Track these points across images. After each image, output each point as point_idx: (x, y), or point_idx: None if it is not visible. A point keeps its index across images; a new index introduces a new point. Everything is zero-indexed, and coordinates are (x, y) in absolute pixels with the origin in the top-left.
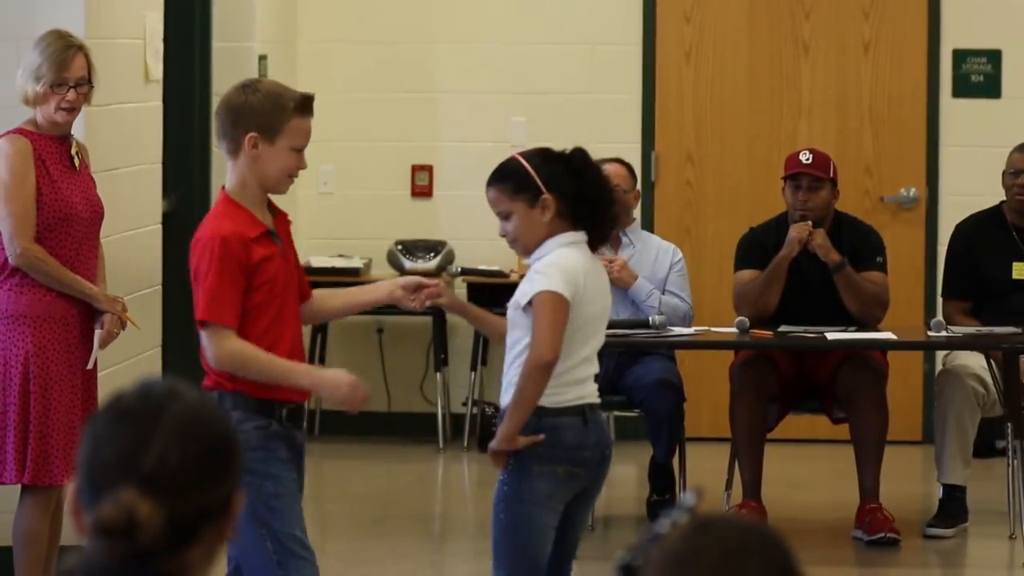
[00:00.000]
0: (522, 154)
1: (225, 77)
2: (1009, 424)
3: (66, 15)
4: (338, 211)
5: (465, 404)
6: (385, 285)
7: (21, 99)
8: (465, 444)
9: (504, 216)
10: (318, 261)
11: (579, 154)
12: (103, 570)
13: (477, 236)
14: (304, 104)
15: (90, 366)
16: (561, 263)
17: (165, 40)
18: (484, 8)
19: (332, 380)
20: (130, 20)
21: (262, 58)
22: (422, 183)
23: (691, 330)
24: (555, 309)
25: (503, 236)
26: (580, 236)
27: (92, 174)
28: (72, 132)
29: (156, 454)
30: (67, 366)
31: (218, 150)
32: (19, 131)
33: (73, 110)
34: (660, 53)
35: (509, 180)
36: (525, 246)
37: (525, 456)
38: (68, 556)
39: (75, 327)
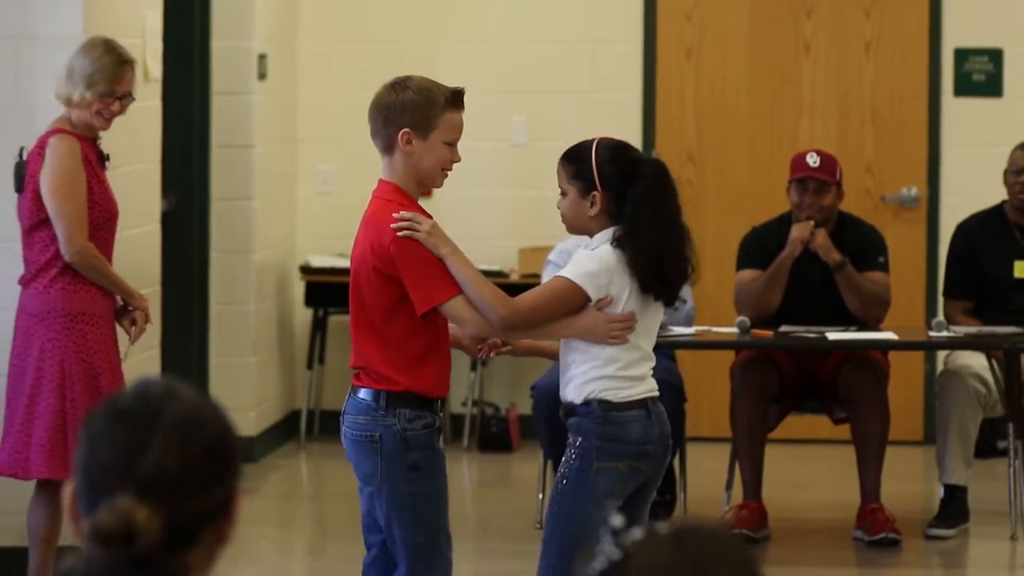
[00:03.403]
0: (601, 142)
1: (225, 76)
2: (1011, 424)
3: (65, 14)
4: (338, 211)
5: (465, 404)
6: (453, 330)
7: (63, 100)
8: (465, 444)
9: (562, 192)
10: (318, 261)
11: (649, 167)
12: (102, 573)
13: (477, 236)
14: (455, 98)
15: (125, 361)
16: (599, 257)
17: (164, 39)
18: (485, 7)
19: (590, 325)
20: (129, 19)
21: (262, 57)
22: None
23: (692, 330)
24: (556, 292)
25: (559, 208)
26: None
27: None
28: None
29: (154, 458)
30: (117, 362)
31: (219, 149)
32: (62, 131)
33: (112, 118)
34: (661, 52)
35: (573, 163)
36: (570, 227)
37: (588, 452)
38: (66, 557)
39: (113, 324)
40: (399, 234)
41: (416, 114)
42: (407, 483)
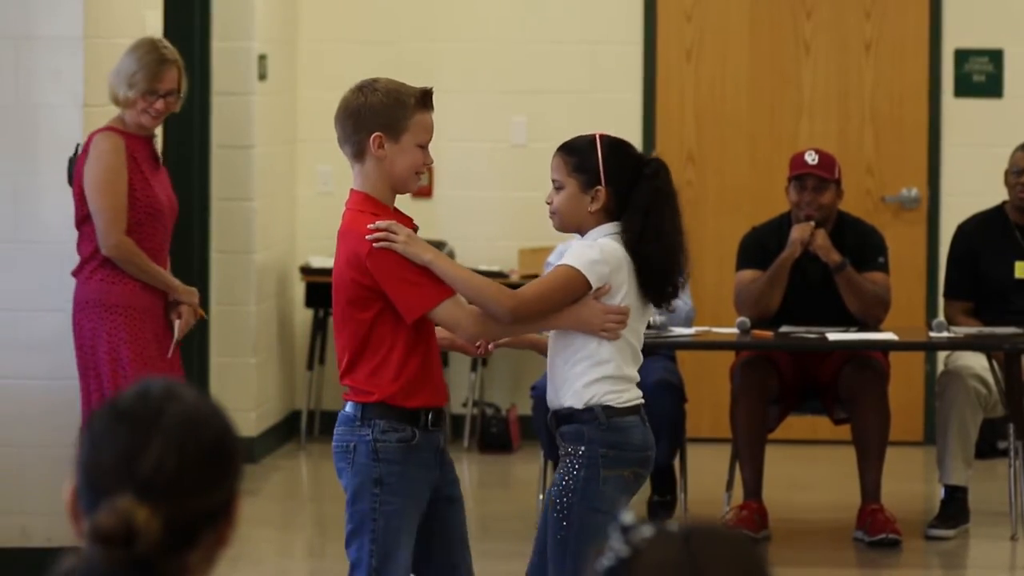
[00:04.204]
0: (603, 137)
1: (225, 76)
2: (1011, 425)
3: (65, 14)
4: (338, 211)
5: (465, 405)
6: (447, 332)
7: (111, 99)
8: (465, 445)
9: (557, 186)
10: (318, 261)
11: (655, 164)
12: (101, 574)
13: (477, 236)
14: (424, 98)
15: (170, 354)
16: (599, 247)
17: (164, 39)
18: (484, 7)
19: (586, 315)
20: (129, 19)
21: (262, 58)
22: (422, 183)
23: (692, 330)
24: (561, 281)
25: (548, 203)
26: (619, 228)
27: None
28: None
29: (153, 459)
30: (158, 353)
31: (219, 149)
32: (110, 129)
33: (159, 117)
34: (661, 52)
35: (574, 155)
36: (562, 222)
37: (594, 461)
38: (66, 557)
39: (160, 318)
40: (375, 245)
41: (386, 117)
42: (370, 498)
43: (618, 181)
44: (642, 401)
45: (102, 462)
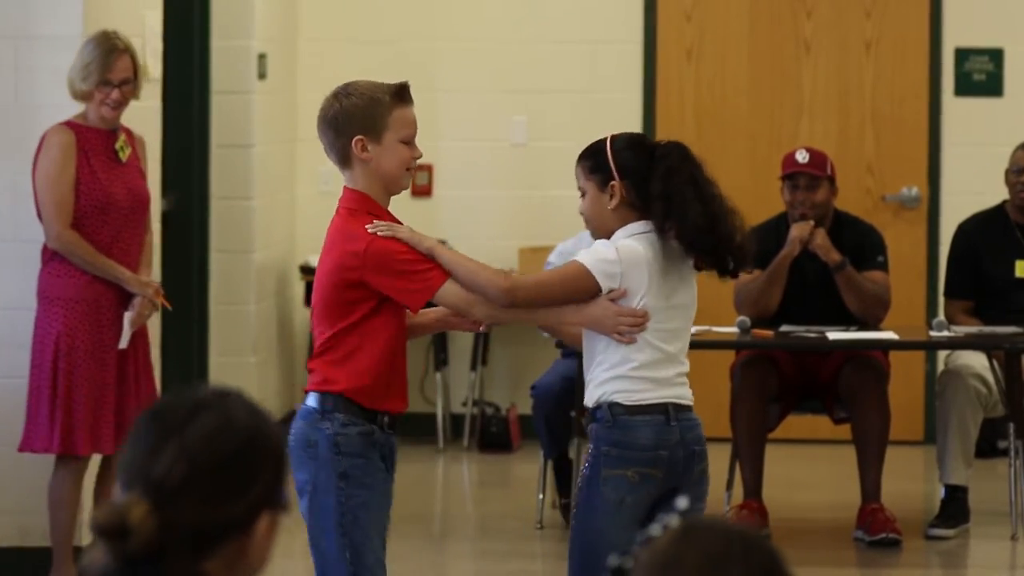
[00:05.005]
0: (614, 136)
1: (225, 76)
2: (1011, 424)
3: (65, 14)
4: None
5: (465, 404)
6: (435, 311)
7: (70, 94)
8: (465, 444)
9: (581, 194)
10: (317, 261)
11: (666, 147)
12: (113, 572)
13: (477, 236)
14: (400, 93)
15: (122, 346)
16: (616, 247)
17: (164, 39)
18: (485, 7)
19: (598, 315)
20: (129, 19)
21: (262, 56)
22: (422, 182)
23: (692, 329)
24: (566, 274)
25: (581, 213)
26: (649, 226)
27: (142, 167)
28: (122, 126)
29: (166, 463)
30: (97, 346)
31: (219, 149)
32: (67, 123)
33: (118, 107)
34: (661, 52)
35: (589, 159)
36: (593, 228)
37: (597, 460)
38: (86, 555)
39: (108, 310)
40: (380, 233)
41: (364, 119)
42: (335, 492)
43: (634, 173)
44: (673, 401)
45: (128, 459)
